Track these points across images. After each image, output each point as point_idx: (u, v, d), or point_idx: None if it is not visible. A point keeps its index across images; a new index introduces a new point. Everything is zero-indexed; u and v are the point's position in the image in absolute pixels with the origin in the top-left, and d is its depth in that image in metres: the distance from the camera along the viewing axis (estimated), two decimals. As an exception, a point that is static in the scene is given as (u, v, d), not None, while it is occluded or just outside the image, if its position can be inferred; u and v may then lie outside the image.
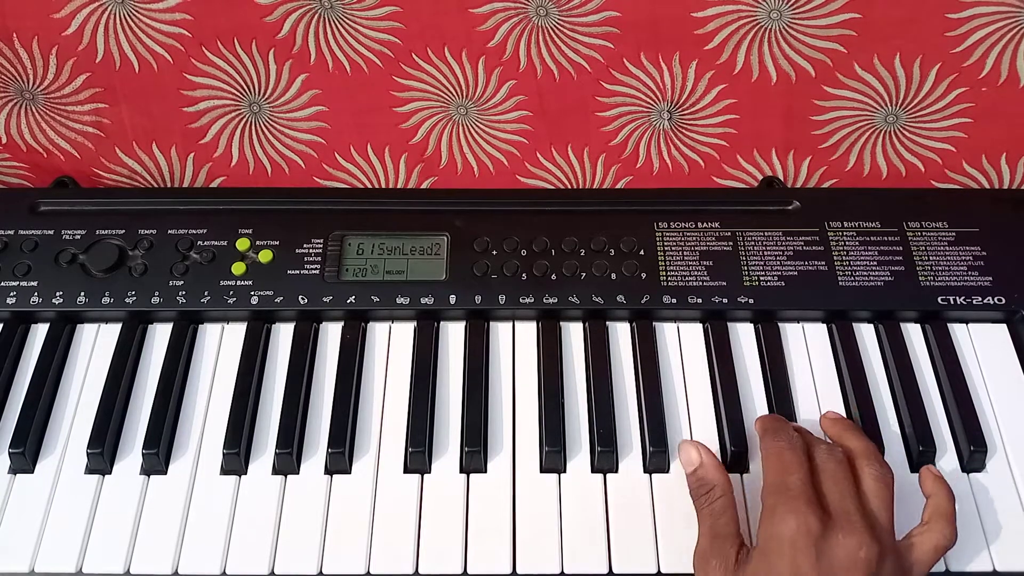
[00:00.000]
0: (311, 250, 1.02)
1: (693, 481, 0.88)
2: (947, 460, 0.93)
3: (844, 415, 0.95)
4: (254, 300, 1.00)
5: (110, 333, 1.01)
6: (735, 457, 0.92)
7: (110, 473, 0.92)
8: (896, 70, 1.09)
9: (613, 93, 1.12)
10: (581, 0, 1.04)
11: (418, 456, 0.91)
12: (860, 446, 0.87)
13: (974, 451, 0.92)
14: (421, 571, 0.87)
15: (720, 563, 0.81)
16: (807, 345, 1.01)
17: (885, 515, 0.82)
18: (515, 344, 1.01)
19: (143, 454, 0.91)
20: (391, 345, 1.01)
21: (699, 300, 1.00)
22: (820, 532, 0.78)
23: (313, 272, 1.01)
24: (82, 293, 1.00)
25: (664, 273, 1.01)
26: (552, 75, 1.10)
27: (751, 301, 1.00)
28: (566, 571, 0.86)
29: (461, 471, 0.92)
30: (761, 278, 1.01)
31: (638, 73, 1.10)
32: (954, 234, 1.04)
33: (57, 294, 1.00)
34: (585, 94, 1.12)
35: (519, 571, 0.87)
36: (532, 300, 1.00)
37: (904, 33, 1.06)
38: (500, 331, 1.02)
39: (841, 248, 1.03)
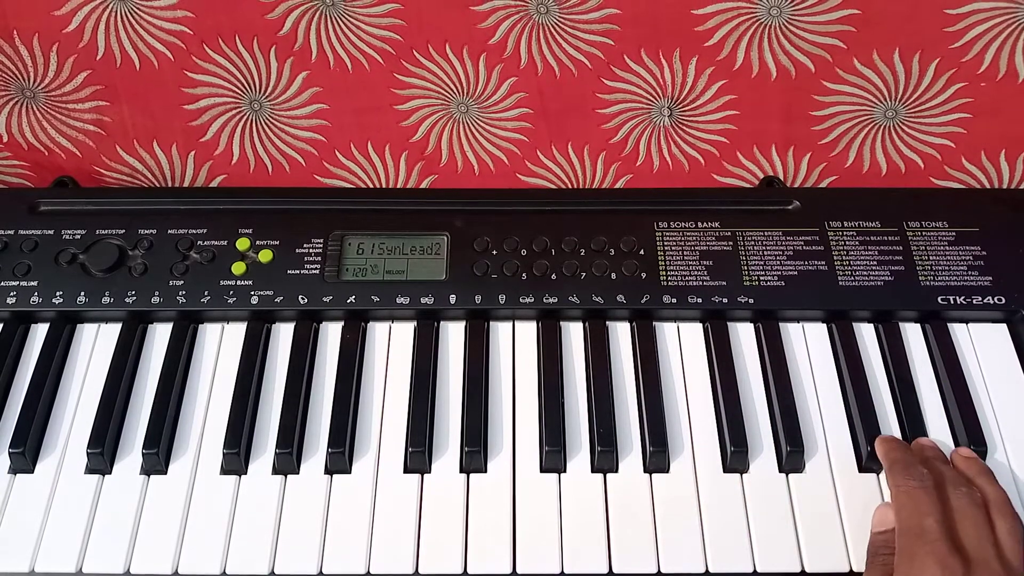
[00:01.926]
0: (311, 250, 1.02)
1: (880, 542, 0.86)
2: (947, 460, 0.93)
3: (974, 455, 0.93)
4: (254, 300, 1.00)
5: (110, 333, 1.01)
6: (735, 457, 0.92)
7: (110, 473, 0.92)
8: (895, 65, 1.09)
9: (613, 90, 1.12)
10: (581, -2, 1.04)
11: (418, 456, 0.91)
12: (996, 494, 0.86)
13: (974, 451, 0.92)
14: (421, 571, 0.87)
15: None
16: (807, 345, 1.01)
17: (1018, 565, 0.81)
18: (515, 344, 1.01)
19: (143, 454, 0.92)
20: (391, 345, 1.01)
21: (699, 300, 1.00)
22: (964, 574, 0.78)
23: (313, 272, 1.01)
24: (82, 293, 1.00)
25: (664, 273, 1.01)
26: (553, 72, 1.10)
27: (751, 301, 1.00)
28: (566, 571, 0.87)
29: (461, 471, 0.92)
30: (761, 278, 1.01)
31: (638, 70, 1.10)
32: (954, 234, 1.04)
33: (57, 294, 1.00)
34: (585, 91, 1.12)
35: (519, 571, 0.87)
36: (532, 300, 1.00)
37: (903, 28, 1.06)
38: (500, 331, 1.02)
39: (841, 248, 1.03)
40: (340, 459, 0.92)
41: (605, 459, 0.92)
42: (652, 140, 1.16)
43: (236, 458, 0.92)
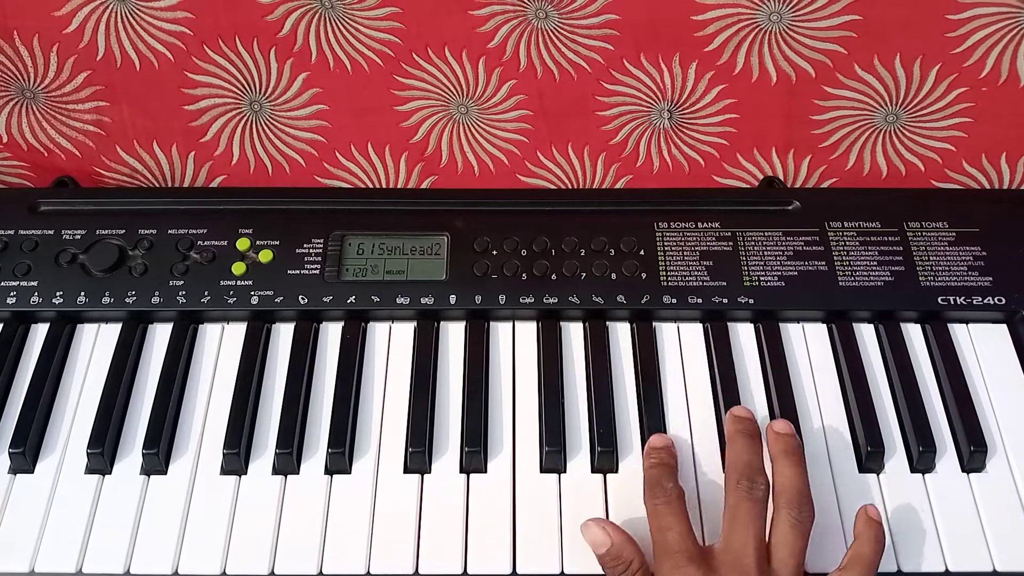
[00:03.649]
0: (311, 250, 1.02)
1: (608, 561, 0.84)
2: (947, 460, 0.93)
3: (792, 428, 0.91)
4: (254, 300, 1.00)
5: (110, 333, 1.01)
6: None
7: (110, 473, 0.92)
8: (896, 70, 1.09)
9: (613, 93, 1.12)
10: (581, 3, 1.04)
11: (418, 456, 0.91)
12: (787, 481, 0.85)
13: (974, 451, 0.92)
14: (421, 571, 0.87)
15: None
16: (807, 345, 1.01)
17: (790, 564, 0.81)
18: (515, 344, 1.01)
19: (143, 454, 0.91)
20: (391, 345, 1.01)
21: (699, 300, 1.00)
22: None
23: (313, 272, 1.01)
24: (82, 293, 1.00)
25: (664, 273, 1.01)
26: (552, 75, 1.10)
27: (751, 301, 1.00)
28: (566, 571, 0.87)
29: (461, 471, 0.92)
30: (761, 278, 1.01)
31: (638, 74, 1.10)
32: (954, 234, 1.04)
33: (57, 294, 1.00)
34: (585, 94, 1.12)
35: (519, 571, 0.87)
36: (532, 300, 1.00)
37: (904, 34, 1.06)
38: (500, 331, 1.02)
39: (841, 248, 1.03)
40: (340, 459, 0.91)
41: (605, 459, 0.92)
42: (652, 141, 1.16)
43: (236, 458, 0.91)
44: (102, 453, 0.91)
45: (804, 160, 1.17)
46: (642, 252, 1.03)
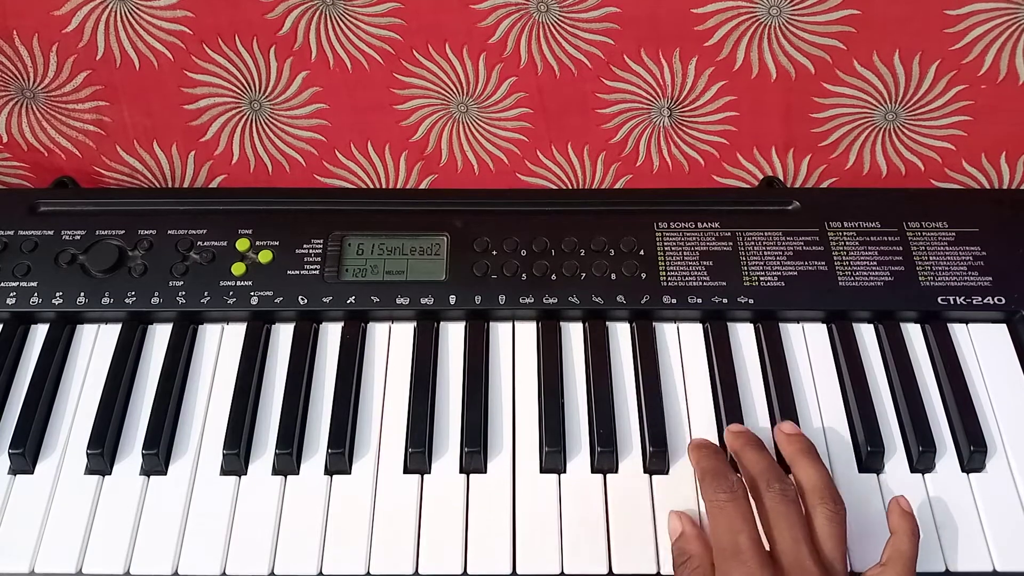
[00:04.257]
0: (311, 250, 1.02)
1: (675, 550, 0.86)
2: (947, 460, 0.93)
3: (799, 428, 0.93)
4: (254, 300, 1.00)
5: (110, 333, 1.01)
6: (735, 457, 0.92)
7: (110, 474, 0.92)
8: (895, 67, 1.09)
9: (613, 90, 1.12)
10: (582, -4, 1.04)
11: (418, 456, 0.91)
12: (812, 479, 0.85)
13: (974, 451, 0.92)
14: (421, 571, 0.87)
15: None
16: (807, 345, 1.01)
17: (838, 556, 0.81)
18: (515, 344, 1.01)
19: (143, 454, 0.91)
20: (391, 345, 1.01)
21: (699, 300, 1.00)
22: None
23: (313, 272, 1.01)
24: (82, 293, 1.00)
25: (664, 273, 1.01)
26: (552, 72, 1.10)
27: (751, 301, 1.00)
28: (566, 571, 0.86)
29: (461, 471, 0.92)
30: (761, 278, 1.01)
31: (638, 69, 1.10)
32: (954, 234, 1.04)
33: (57, 294, 1.00)
34: (585, 91, 1.12)
35: (519, 571, 0.87)
36: (532, 300, 1.00)
37: (903, 30, 1.06)
38: (500, 331, 1.02)
39: (841, 248, 1.03)
40: (340, 459, 0.91)
41: (605, 459, 0.92)
42: (652, 140, 1.16)
43: (236, 459, 0.91)
44: (102, 454, 0.91)
45: (804, 159, 1.17)
46: (642, 252, 1.03)
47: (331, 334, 1.01)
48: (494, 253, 1.03)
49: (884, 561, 0.83)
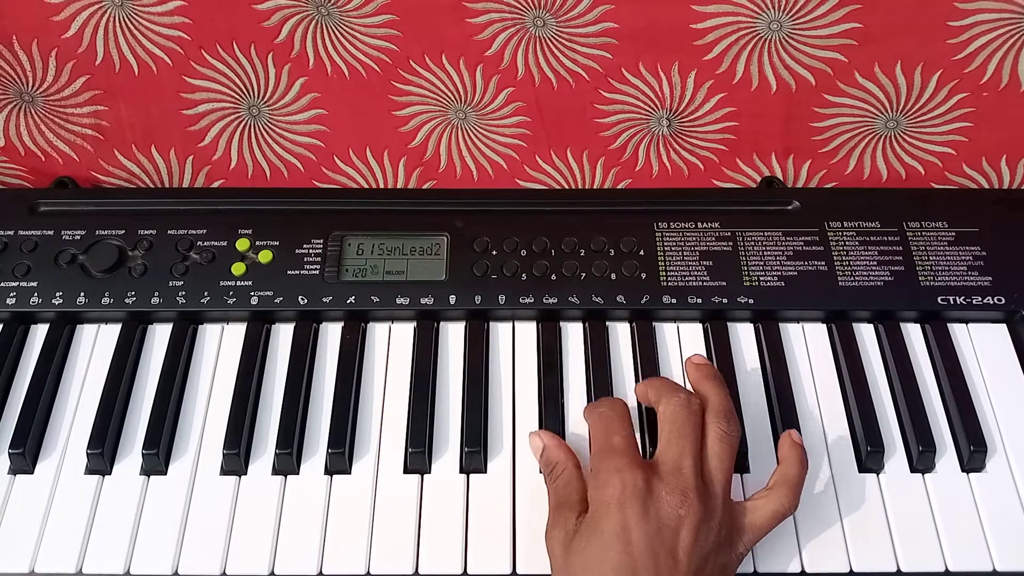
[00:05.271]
0: (311, 250, 1.02)
1: (542, 465, 0.89)
2: (947, 460, 0.93)
3: (718, 369, 0.94)
4: (254, 300, 1.00)
5: (110, 333, 1.01)
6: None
7: (110, 473, 0.92)
8: (897, 77, 1.09)
9: (611, 101, 1.12)
10: (579, 11, 1.04)
11: (418, 456, 0.91)
12: (715, 399, 0.87)
13: (974, 451, 0.92)
14: (421, 571, 0.86)
15: (560, 531, 0.81)
16: (807, 345, 1.01)
17: (721, 475, 0.82)
18: (515, 344, 1.01)
19: (143, 454, 0.91)
20: (391, 345, 1.01)
21: (699, 300, 1.00)
22: (645, 488, 0.78)
23: (313, 272, 1.01)
24: (82, 293, 1.00)
25: (664, 273, 1.01)
26: (550, 83, 1.10)
27: (751, 301, 1.01)
28: (567, 570, 0.86)
29: (461, 471, 0.92)
30: (761, 278, 1.01)
31: (636, 82, 1.10)
32: (954, 234, 1.04)
33: (57, 294, 1.00)
34: (583, 101, 1.12)
35: (519, 571, 0.86)
36: (532, 300, 1.00)
37: (905, 41, 1.06)
38: (500, 331, 1.02)
39: (841, 248, 1.03)
40: (340, 459, 0.91)
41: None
42: (651, 147, 1.16)
43: (236, 458, 0.91)
44: (102, 454, 0.91)
45: (804, 164, 1.17)
46: (642, 252, 1.03)
47: (331, 334, 1.01)
48: (494, 253, 1.03)
49: (770, 485, 0.85)
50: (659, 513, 0.78)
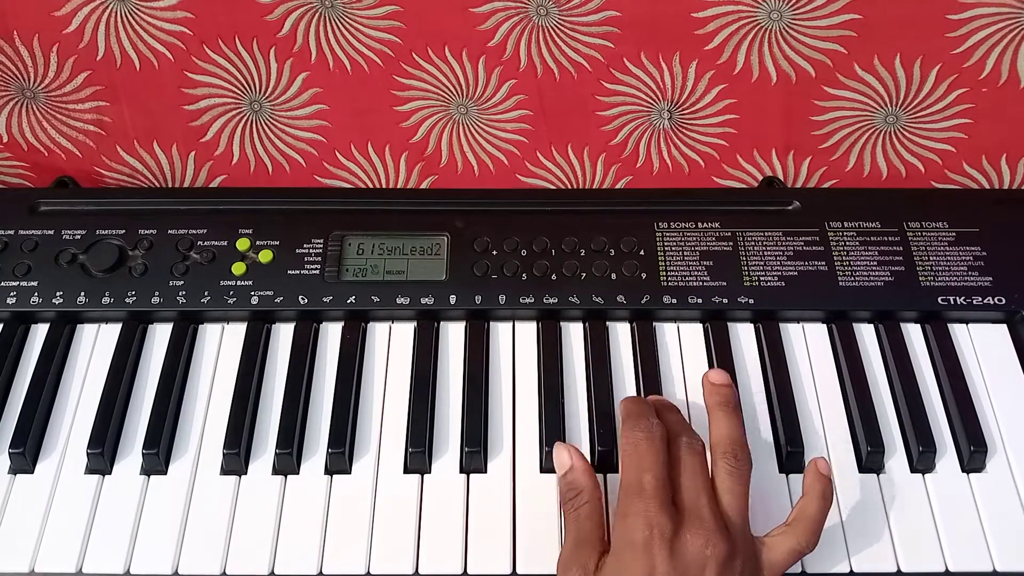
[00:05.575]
0: (311, 250, 1.02)
1: (563, 485, 0.87)
2: (947, 460, 0.93)
3: (728, 378, 0.93)
4: (254, 300, 1.00)
5: (110, 333, 1.01)
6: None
7: (110, 473, 0.92)
8: (896, 71, 1.09)
9: (613, 92, 1.12)
10: (581, 0, 1.04)
11: (418, 456, 0.91)
12: (721, 433, 0.87)
13: (974, 451, 0.92)
14: (421, 571, 0.87)
15: (579, 571, 0.80)
16: (807, 345, 1.01)
17: (736, 509, 0.82)
18: (515, 344, 1.01)
19: (143, 454, 0.91)
20: (391, 345, 1.01)
21: (699, 300, 1.00)
22: (672, 532, 0.78)
23: (313, 272, 1.01)
24: (82, 293, 1.00)
25: (664, 273, 1.01)
26: (552, 74, 1.10)
27: (751, 301, 1.00)
28: (566, 571, 0.86)
29: (461, 471, 0.92)
30: (761, 278, 1.01)
31: (638, 72, 1.10)
32: (954, 234, 1.04)
33: (57, 294, 1.00)
34: (585, 93, 1.12)
35: (519, 571, 0.87)
36: (532, 300, 1.00)
37: (904, 34, 1.06)
38: (500, 331, 1.02)
39: (841, 248, 1.03)
40: (340, 459, 0.91)
41: (605, 459, 0.92)
42: (652, 142, 1.16)
43: (236, 458, 0.91)
44: (102, 453, 0.91)
45: (804, 161, 1.17)
46: (642, 252, 1.03)
47: (331, 334, 1.01)
48: (494, 253, 1.03)
49: (789, 521, 0.84)
50: (685, 553, 0.77)
